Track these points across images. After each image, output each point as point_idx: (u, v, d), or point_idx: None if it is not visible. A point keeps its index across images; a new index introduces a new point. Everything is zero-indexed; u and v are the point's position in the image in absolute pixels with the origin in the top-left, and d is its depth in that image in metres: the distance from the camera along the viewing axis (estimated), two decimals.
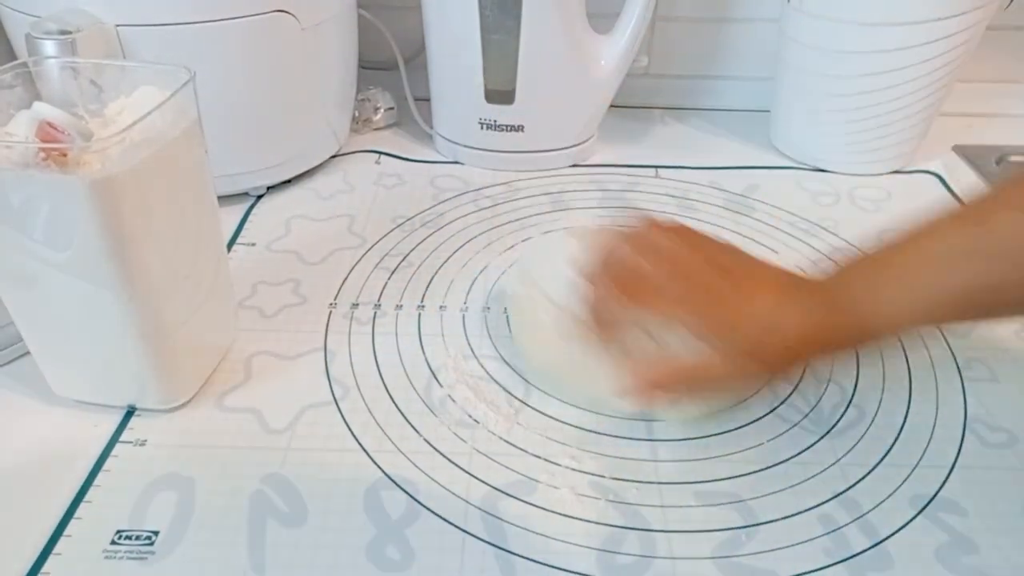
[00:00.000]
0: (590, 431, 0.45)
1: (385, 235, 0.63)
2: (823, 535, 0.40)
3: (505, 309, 0.54)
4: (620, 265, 0.42)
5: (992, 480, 0.43)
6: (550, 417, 0.46)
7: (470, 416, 0.46)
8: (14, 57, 0.60)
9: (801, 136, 0.75)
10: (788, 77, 0.74)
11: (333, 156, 0.74)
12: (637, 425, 0.46)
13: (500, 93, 0.70)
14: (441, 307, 0.55)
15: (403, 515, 0.40)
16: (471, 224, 0.65)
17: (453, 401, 0.47)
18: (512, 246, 0.62)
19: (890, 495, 0.42)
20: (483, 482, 0.42)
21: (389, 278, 0.58)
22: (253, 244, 0.62)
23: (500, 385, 0.49)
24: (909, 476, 0.43)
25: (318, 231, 0.64)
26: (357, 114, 0.79)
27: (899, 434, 0.46)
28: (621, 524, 0.40)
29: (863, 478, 0.43)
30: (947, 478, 0.43)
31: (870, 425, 0.46)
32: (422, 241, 0.62)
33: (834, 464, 0.43)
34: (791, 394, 0.48)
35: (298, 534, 0.39)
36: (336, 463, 0.43)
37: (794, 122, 0.76)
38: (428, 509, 0.40)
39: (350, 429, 0.45)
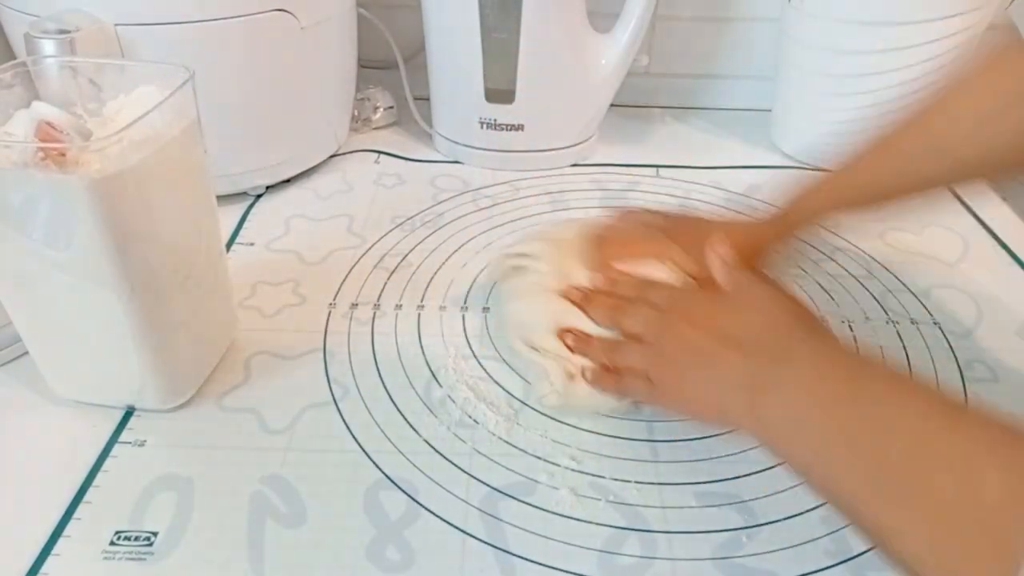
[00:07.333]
0: (590, 431, 0.45)
1: (384, 235, 0.63)
2: (824, 536, 0.40)
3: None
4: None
5: None
6: (550, 417, 0.46)
7: (470, 416, 0.46)
8: (13, 56, 0.60)
9: (802, 135, 0.75)
10: (789, 76, 0.74)
11: (332, 155, 0.74)
12: (638, 426, 0.46)
13: (500, 92, 0.70)
14: (441, 307, 0.55)
15: (403, 516, 0.40)
16: (471, 224, 0.65)
17: (453, 401, 0.47)
18: (512, 246, 0.62)
19: None
20: (483, 483, 0.42)
21: (389, 278, 0.58)
22: (252, 244, 0.62)
23: (500, 385, 0.48)
24: None
25: (317, 231, 0.64)
26: (356, 113, 0.79)
27: None
28: (621, 525, 0.40)
29: None
30: None
31: None
32: (422, 241, 0.62)
33: None
34: None
35: (297, 534, 0.39)
36: (336, 463, 0.43)
37: (795, 121, 0.76)
38: (428, 510, 0.40)
39: (349, 429, 0.45)
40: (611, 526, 0.40)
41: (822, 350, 0.38)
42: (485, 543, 0.39)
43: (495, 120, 0.71)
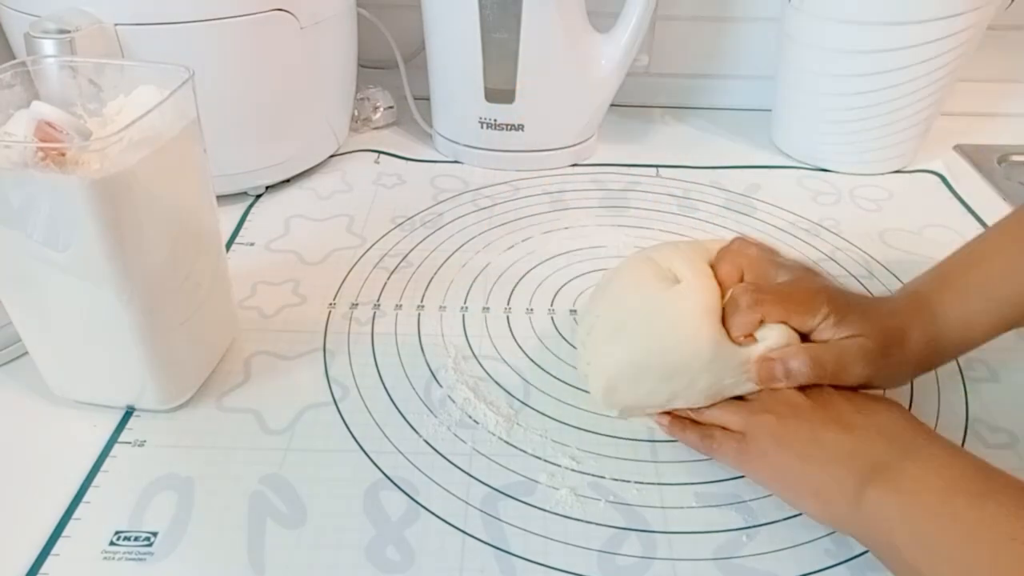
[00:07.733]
0: (590, 431, 0.45)
1: (384, 235, 0.63)
2: (824, 536, 0.40)
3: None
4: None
5: None
6: (550, 417, 0.46)
7: (470, 417, 0.46)
8: (13, 56, 0.60)
9: (802, 135, 0.75)
10: (789, 76, 0.74)
11: (332, 155, 0.74)
12: (638, 426, 0.46)
13: (500, 92, 0.70)
14: (441, 307, 0.55)
15: (403, 516, 0.40)
16: (471, 224, 0.65)
17: (453, 402, 0.47)
18: (512, 246, 0.62)
19: None
20: (483, 483, 0.42)
21: (388, 278, 0.58)
22: (252, 244, 0.62)
23: (500, 385, 0.48)
24: None
25: (317, 231, 0.64)
26: (356, 113, 0.79)
27: None
28: (621, 525, 0.40)
29: None
30: None
31: None
32: (422, 241, 0.62)
33: None
34: None
35: (297, 534, 0.39)
36: (336, 463, 0.43)
37: (795, 121, 0.76)
38: (428, 510, 0.40)
39: (349, 430, 0.45)
40: (611, 526, 0.40)
41: (949, 451, 0.35)
42: (485, 543, 0.39)
43: (495, 120, 0.71)
